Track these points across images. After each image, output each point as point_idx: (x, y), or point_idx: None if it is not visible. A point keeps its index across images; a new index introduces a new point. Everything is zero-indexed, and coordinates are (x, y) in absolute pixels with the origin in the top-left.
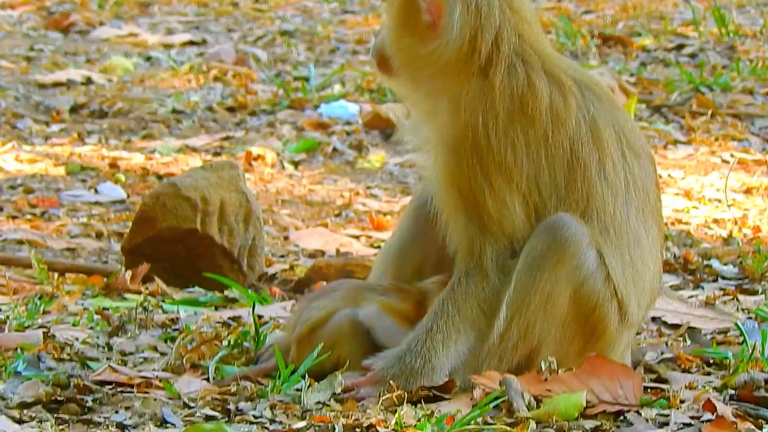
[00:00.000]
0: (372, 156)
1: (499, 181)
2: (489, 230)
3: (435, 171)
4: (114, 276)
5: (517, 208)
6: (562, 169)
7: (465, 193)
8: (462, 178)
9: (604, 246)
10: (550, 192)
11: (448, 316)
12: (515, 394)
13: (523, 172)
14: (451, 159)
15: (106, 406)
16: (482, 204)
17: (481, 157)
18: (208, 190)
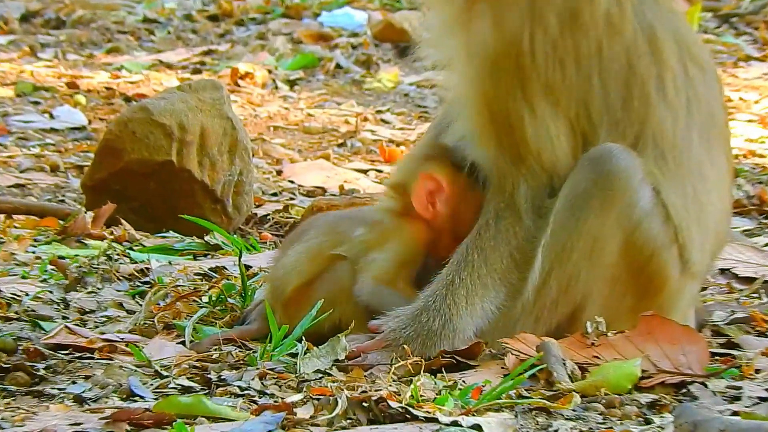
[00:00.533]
0: (383, 74)
1: (542, 105)
2: (525, 163)
3: (463, 91)
4: (72, 218)
5: (561, 138)
6: (616, 87)
7: (499, 119)
8: (498, 100)
9: (661, 179)
10: (601, 116)
11: (473, 268)
12: (555, 361)
13: (572, 93)
14: (486, 77)
15: (62, 374)
16: (519, 132)
17: (524, 76)
18: (186, 115)
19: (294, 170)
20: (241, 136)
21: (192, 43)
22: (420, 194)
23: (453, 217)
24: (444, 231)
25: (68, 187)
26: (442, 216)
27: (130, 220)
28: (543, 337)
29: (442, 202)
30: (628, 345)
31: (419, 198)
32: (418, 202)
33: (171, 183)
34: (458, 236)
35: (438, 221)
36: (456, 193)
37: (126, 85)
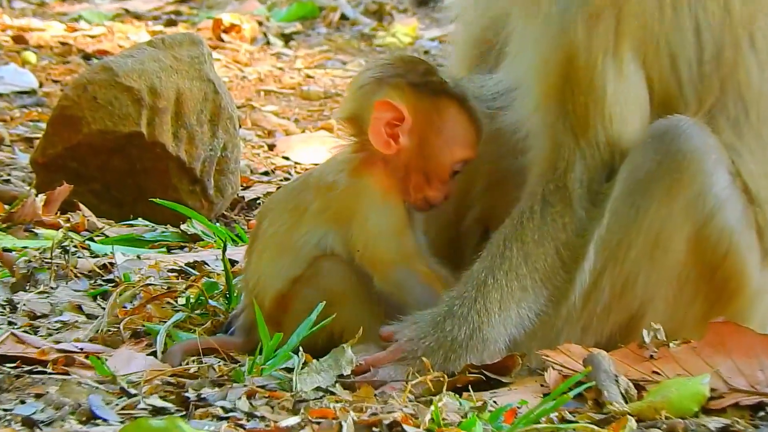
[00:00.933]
0: (398, 27)
1: (630, 62)
2: (587, 133)
3: (532, 42)
4: (19, 202)
5: (639, 106)
6: (710, 35)
7: (580, 74)
8: (589, 52)
9: (739, 145)
10: (689, 75)
11: (510, 265)
12: (606, 377)
13: (664, 46)
14: (579, 25)
15: (8, 392)
16: (599, 91)
17: (624, 25)
18: (159, 77)
19: (289, 144)
20: (225, 103)
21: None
22: (377, 127)
23: (421, 150)
24: (412, 169)
25: (15, 164)
26: (407, 151)
27: (91, 205)
28: (592, 348)
29: (406, 133)
30: (695, 358)
31: (377, 132)
32: (376, 138)
33: (140, 160)
34: (430, 175)
35: (403, 158)
36: (421, 120)
37: (85, 39)
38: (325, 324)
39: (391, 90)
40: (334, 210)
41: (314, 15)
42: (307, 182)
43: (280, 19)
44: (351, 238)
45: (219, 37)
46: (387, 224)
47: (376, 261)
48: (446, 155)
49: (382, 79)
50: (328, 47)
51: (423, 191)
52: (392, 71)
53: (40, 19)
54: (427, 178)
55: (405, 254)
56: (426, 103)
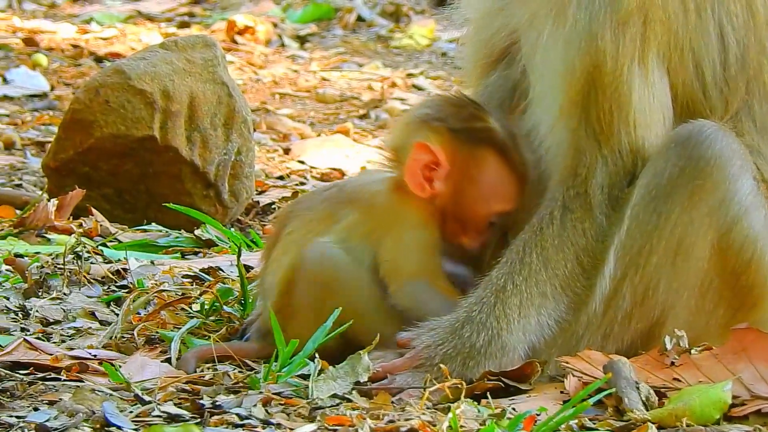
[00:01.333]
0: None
1: (655, 68)
2: (611, 140)
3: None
4: (31, 207)
5: (664, 112)
6: (734, 37)
7: (606, 82)
8: (616, 60)
9: (766, 150)
10: (713, 78)
11: (530, 271)
12: (626, 384)
13: (688, 51)
14: (606, 33)
15: (21, 399)
16: (623, 98)
17: (649, 31)
18: (172, 80)
19: (305, 148)
20: (240, 106)
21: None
22: (413, 169)
23: (456, 198)
24: (448, 215)
25: (26, 169)
26: (442, 197)
27: (103, 210)
28: (612, 355)
29: (441, 179)
30: (716, 365)
31: (413, 174)
32: (411, 179)
33: (153, 164)
34: (465, 224)
35: (439, 203)
36: (458, 167)
37: (96, 41)
38: (342, 331)
39: (432, 134)
40: (371, 225)
41: (330, 16)
42: (342, 192)
43: (295, 21)
44: (381, 250)
45: (233, 39)
46: (419, 240)
47: (397, 272)
48: (482, 206)
49: (426, 121)
50: (344, 49)
51: (458, 238)
52: (436, 113)
53: (51, 21)
54: (463, 226)
55: (426, 269)
56: (465, 152)
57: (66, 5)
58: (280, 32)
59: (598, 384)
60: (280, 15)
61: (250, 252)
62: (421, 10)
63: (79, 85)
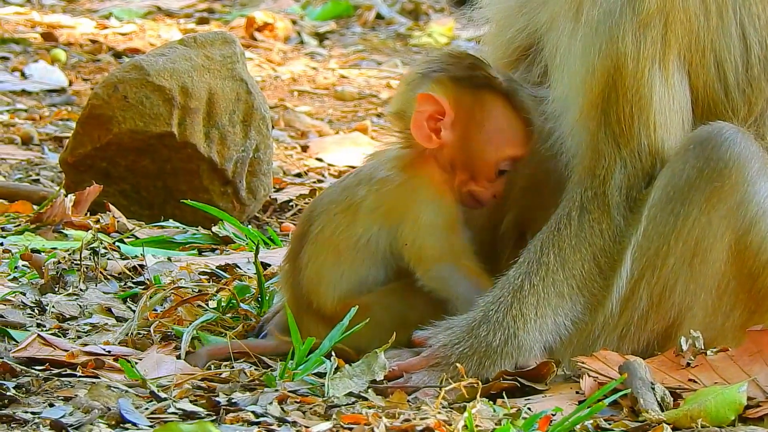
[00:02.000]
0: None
1: (676, 71)
2: (631, 142)
3: (576, 50)
4: (49, 202)
5: (684, 114)
6: (756, 38)
7: (627, 84)
8: (637, 62)
9: None
10: (735, 78)
11: (547, 271)
12: (642, 385)
13: (709, 51)
14: (627, 35)
15: (36, 395)
16: (644, 100)
17: (670, 34)
18: (191, 76)
19: (323, 145)
20: (258, 103)
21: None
22: (419, 121)
23: (464, 146)
24: (457, 165)
25: (44, 164)
26: (450, 146)
27: (120, 206)
28: (628, 356)
29: (447, 128)
30: (732, 366)
31: (419, 126)
32: (418, 132)
33: (171, 160)
34: (475, 172)
35: (446, 153)
36: (463, 114)
37: (115, 37)
38: (358, 329)
39: (434, 84)
40: (386, 207)
41: (349, 14)
42: (359, 178)
43: (314, 18)
44: (401, 233)
45: (252, 36)
46: (439, 219)
47: (422, 256)
48: (490, 152)
49: (426, 73)
50: (363, 47)
51: (469, 188)
52: (437, 66)
53: (70, 16)
54: (473, 176)
55: (452, 250)
56: (468, 98)
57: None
58: (299, 29)
59: (613, 384)
60: (299, 12)
61: (268, 249)
62: (441, 9)
63: (97, 81)
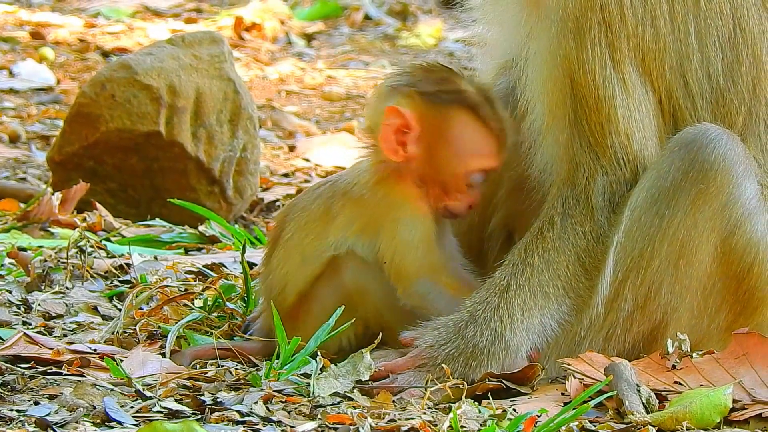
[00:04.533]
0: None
1: (633, 75)
2: (607, 150)
3: (532, 54)
4: (35, 200)
5: (651, 118)
6: (719, 49)
7: (584, 91)
8: (582, 67)
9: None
10: (700, 86)
11: (532, 272)
12: (627, 387)
13: (665, 57)
14: (570, 38)
15: (22, 393)
16: (608, 108)
17: (613, 35)
18: (178, 75)
19: (310, 146)
20: (245, 103)
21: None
22: (386, 134)
23: (431, 160)
24: (427, 180)
25: (31, 162)
26: (417, 160)
27: (107, 204)
28: (614, 357)
29: (414, 142)
30: (718, 369)
31: (386, 139)
32: (385, 144)
33: (158, 159)
34: (445, 186)
35: (414, 168)
36: (429, 129)
37: (103, 36)
38: (344, 329)
39: (401, 98)
40: (363, 221)
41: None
42: (335, 189)
43: (302, 18)
44: (380, 249)
45: (240, 36)
46: (414, 236)
47: (401, 273)
48: (457, 166)
49: (395, 87)
50: (350, 47)
51: (443, 201)
52: (406, 80)
53: (59, 14)
54: (443, 189)
55: (430, 266)
56: (434, 113)
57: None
58: (287, 29)
59: (599, 386)
60: (287, 12)
61: (254, 249)
62: (429, 10)
63: (85, 80)
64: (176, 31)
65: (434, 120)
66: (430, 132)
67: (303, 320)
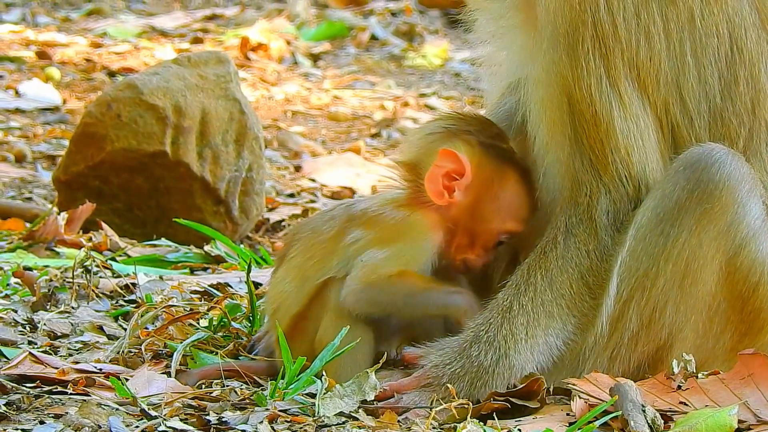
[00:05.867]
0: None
1: (629, 90)
2: (608, 168)
3: (531, 73)
4: (41, 220)
5: (651, 134)
6: (715, 67)
7: (581, 108)
8: (579, 83)
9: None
10: (697, 105)
11: (535, 292)
12: (633, 407)
13: (662, 74)
14: (563, 54)
15: (27, 413)
16: (606, 125)
17: (606, 52)
18: (184, 95)
19: (316, 166)
20: (251, 123)
21: (192, 5)
22: (436, 175)
23: (473, 211)
24: (459, 228)
25: (37, 182)
26: (459, 207)
27: (113, 224)
28: (619, 377)
29: (462, 189)
30: (723, 389)
31: (434, 180)
32: (431, 185)
33: (163, 179)
34: (475, 239)
35: (453, 213)
36: (481, 180)
37: (109, 56)
38: (350, 348)
39: (461, 143)
40: (372, 237)
41: (344, 35)
42: (351, 212)
43: (308, 39)
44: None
45: (246, 56)
46: (414, 255)
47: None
48: (496, 222)
49: (454, 131)
50: (356, 68)
51: (465, 253)
52: (464, 126)
53: (65, 34)
54: (472, 241)
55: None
56: (491, 166)
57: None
58: (293, 50)
59: (604, 406)
60: (293, 32)
61: (260, 269)
62: (435, 30)
63: (91, 100)
64: (182, 51)
65: (489, 173)
66: (482, 184)
67: (299, 340)
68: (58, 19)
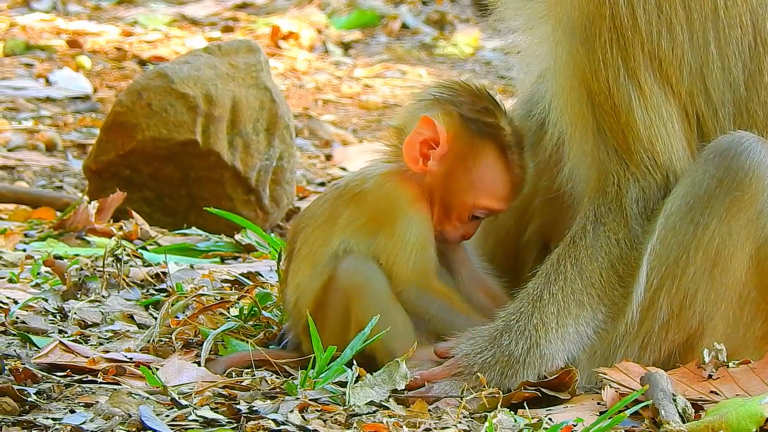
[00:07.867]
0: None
1: (650, 81)
2: (634, 157)
3: (553, 63)
4: (72, 209)
5: (675, 124)
6: (739, 58)
7: (600, 99)
8: (596, 74)
9: None
10: (721, 96)
11: (565, 281)
12: (663, 396)
13: (684, 65)
14: (579, 46)
15: (57, 401)
16: (626, 115)
17: (626, 42)
18: (215, 84)
19: (346, 154)
20: (282, 111)
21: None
22: (413, 141)
23: (445, 182)
24: (435, 198)
25: (67, 171)
26: (433, 176)
27: (143, 213)
28: (649, 366)
29: (437, 159)
30: (754, 378)
31: (411, 146)
32: (408, 150)
33: (194, 168)
34: (449, 210)
35: (428, 182)
36: (456, 152)
37: (140, 44)
38: (379, 337)
39: (441, 113)
40: (364, 219)
41: (374, 23)
42: (339, 190)
43: (339, 27)
44: (376, 247)
45: (277, 45)
46: (412, 237)
47: (394, 275)
48: (469, 196)
49: (439, 99)
50: (388, 56)
51: (441, 224)
52: (451, 96)
53: (96, 23)
54: (447, 213)
55: (421, 271)
56: (467, 139)
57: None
58: (324, 38)
59: (635, 395)
60: (324, 21)
61: None
62: (466, 19)
63: (122, 88)
64: (213, 40)
65: (464, 146)
66: (456, 156)
67: (321, 329)
68: (89, 7)
